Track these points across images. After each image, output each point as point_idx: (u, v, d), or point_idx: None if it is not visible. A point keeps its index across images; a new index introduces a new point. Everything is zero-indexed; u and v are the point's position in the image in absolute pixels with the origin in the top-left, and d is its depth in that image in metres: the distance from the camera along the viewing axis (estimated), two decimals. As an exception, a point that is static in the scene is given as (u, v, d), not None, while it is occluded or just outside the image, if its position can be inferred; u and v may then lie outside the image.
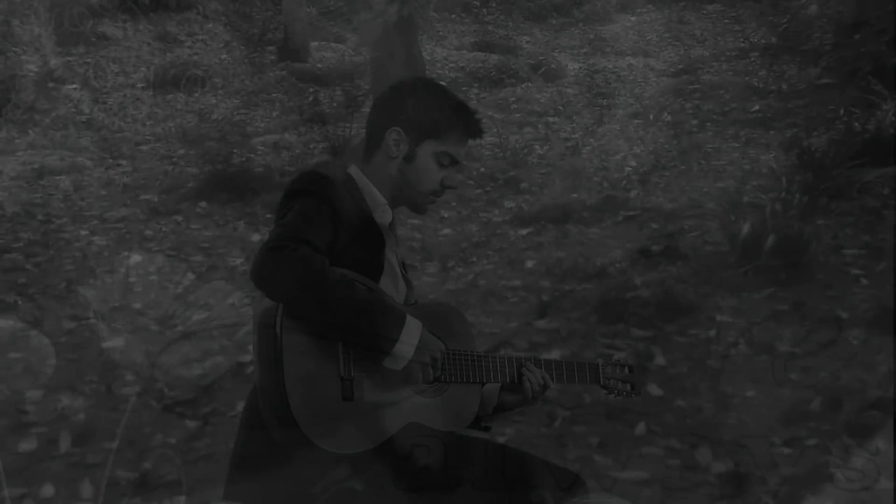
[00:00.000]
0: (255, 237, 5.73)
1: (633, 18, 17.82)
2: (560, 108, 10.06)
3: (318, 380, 1.52)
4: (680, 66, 12.18)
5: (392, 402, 1.59)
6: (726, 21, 17.23)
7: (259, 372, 1.55)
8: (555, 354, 3.81)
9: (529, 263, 4.95)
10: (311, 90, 11.59)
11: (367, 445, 1.56)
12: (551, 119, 9.44)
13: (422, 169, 1.73)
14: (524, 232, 5.46)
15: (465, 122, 1.76)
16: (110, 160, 7.96)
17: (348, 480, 1.57)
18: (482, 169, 6.79)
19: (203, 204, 6.33)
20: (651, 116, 8.76)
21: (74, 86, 11.76)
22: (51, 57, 12.94)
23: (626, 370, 1.95)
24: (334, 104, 9.52)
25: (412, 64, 6.59)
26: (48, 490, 2.98)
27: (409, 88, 1.76)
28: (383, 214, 1.72)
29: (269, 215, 6.26)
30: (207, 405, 3.58)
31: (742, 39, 11.50)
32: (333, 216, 1.60)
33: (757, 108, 8.35)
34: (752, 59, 10.30)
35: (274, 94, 11.62)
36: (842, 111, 5.29)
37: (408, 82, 1.80)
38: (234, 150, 6.61)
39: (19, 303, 4.53)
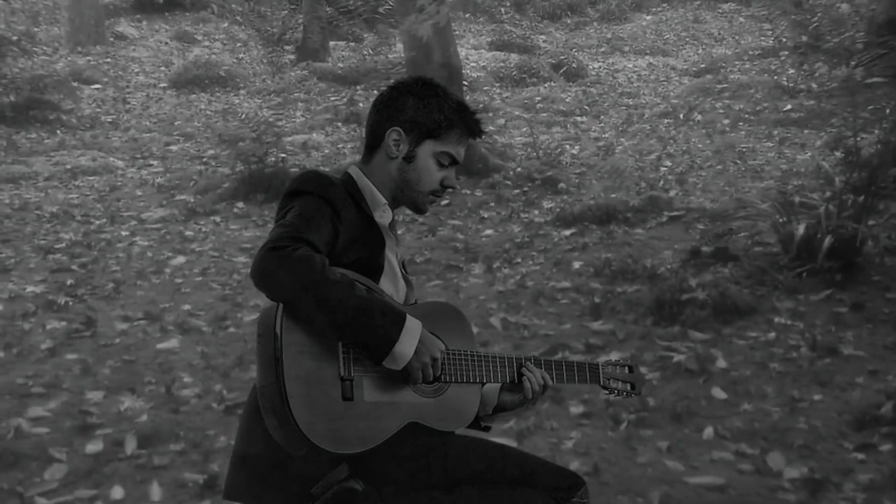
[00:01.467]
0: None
1: (648, 18, 17.79)
2: (586, 107, 10.02)
3: (318, 380, 1.52)
4: (702, 66, 12.13)
5: (392, 402, 1.59)
6: (741, 20, 17.21)
7: (259, 372, 1.55)
8: (613, 356, 3.78)
9: (576, 264, 4.92)
10: (333, 89, 11.58)
11: (367, 445, 1.55)
12: (579, 119, 9.41)
13: (422, 169, 1.72)
14: (567, 233, 5.43)
15: (465, 122, 1.75)
16: (141, 160, 7.97)
17: (348, 480, 1.57)
18: (518, 169, 6.77)
19: (240, 204, 6.32)
20: (681, 116, 8.72)
21: (97, 86, 11.79)
22: (71, 56, 12.98)
23: (627, 370, 1.94)
24: (360, 105, 9.50)
25: (449, 64, 6.56)
26: (118, 492, 2.96)
27: (409, 88, 1.75)
28: (383, 214, 1.72)
29: (307, 216, 6.25)
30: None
31: (772, 38, 11.42)
32: (333, 216, 1.60)
33: (789, 107, 8.30)
34: (782, 59, 10.22)
35: (296, 94, 11.62)
36: (888, 110, 5.24)
37: (407, 82, 1.77)
38: (271, 150, 6.59)
39: (70, 304, 4.52)
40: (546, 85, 11.50)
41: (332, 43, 13.99)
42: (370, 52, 13.61)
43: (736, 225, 4.79)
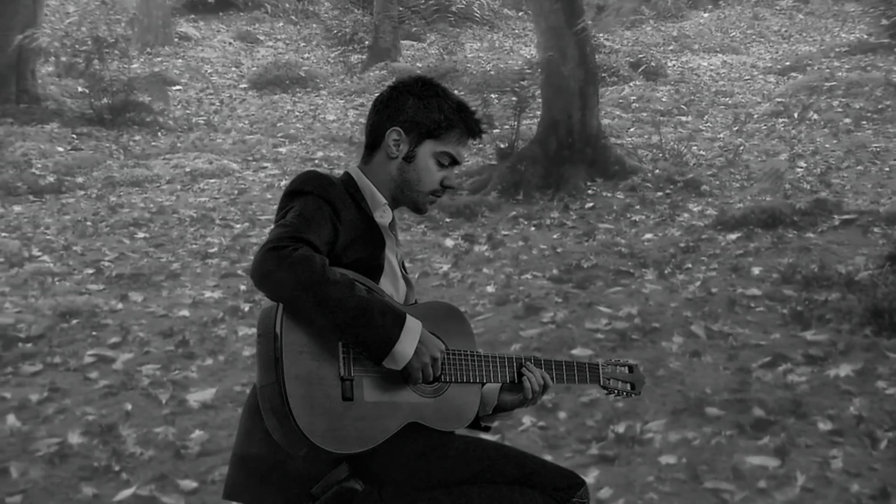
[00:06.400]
0: (448, 242, 5.62)
1: (705, 15, 17.52)
2: (683, 106, 9.85)
3: (318, 380, 1.51)
4: (787, 63, 11.89)
5: (392, 402, 1.58)
6: (801, 17, 16.89)
7: (259, 372, 1.54)
8: (844, 370, 3.64)
9: (755, 270, 4.77)
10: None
11: (367, 445, 1.54)
12: (683, 118, 9.24)
13: (422, 169, 1.71)
14: (733, 237, 5.28)
15: (465, 122, 1.73)
16: (254, 163, 7.93)
17: (348, 480, 1.56)
18: (657, 171, 6.62)
19: (377, 207, 6.24)
20: (796, 115, 8.52)
21: (178, 87, 11.81)
22: (144, 58, 13.03)
23: (627, 370, 1.91)
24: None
25: (584, 63, 6.43)
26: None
27: (409, 88, 1.73)
28: (383, 214, 1.71)
29: (448, 219, 6.17)
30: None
31: (867, 34, 11.15)
32: (333, 216, 1.59)
33: (914, 105, 8.08)
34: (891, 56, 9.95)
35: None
36: None
37: (408, 82, 1.75)
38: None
39: (254, 310, 4.46)
40: (630, 84, 11.34)
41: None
42: (444, 50, 13.53)
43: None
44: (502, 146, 6.74)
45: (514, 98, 6.58)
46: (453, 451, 1.65)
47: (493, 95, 6.96)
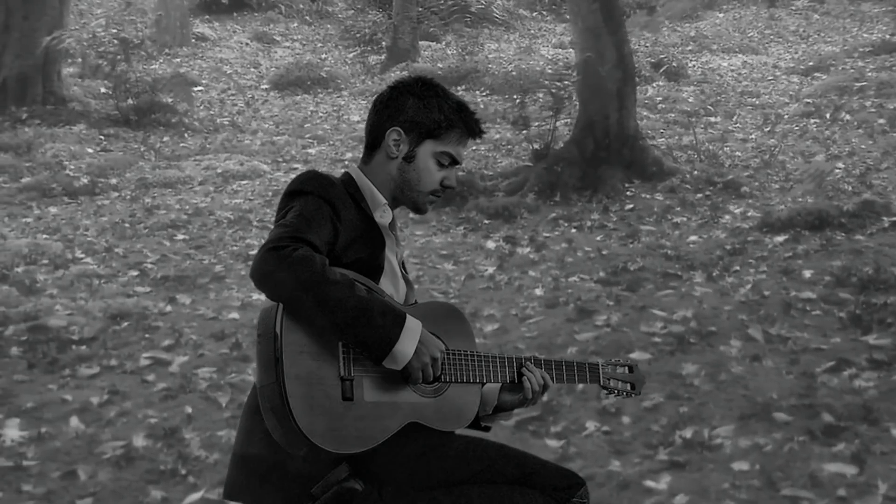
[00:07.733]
0: (490, 244, 5.58)
1: (721, 15, 17.44)
2: (710, 107, 9.78)
3: (318, 380, 1.52)
4: (810, 63, 11.82)
5: (392, 402, 1.59)
6: (817, 17, 16.80)
7: (259, 372, 1.54)
8: (911, 373, 3.59)
9: (807, 273, 4.72)
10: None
11: (367, 445, 1.55)
12: (712, 119, 9.18)
13: (422, 169, 1.72)
14: (780, 239, 5.23)
15: (465, 122, 1.74)
16: (284, 164, 7.91)
17: (348, 480, 1.56)
18: (695, 172, 6.57)
19: (414, 210, 6.21)
20: (828, 115, 8.45)
21: (199, 87, 11.80)
22: (163, 58, 13.02)
23: (627, 370, 1.91)
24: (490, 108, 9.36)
25: (622, 64, 6.39)
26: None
27: (409, 88, 1.74)
28: (383, 214, 1.71)
29: (486, 221, 6.12)
30: (556, 423, 3.44)
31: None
32: (333, 216, 1.60)
33: (949, 106, 8.01)
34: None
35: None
36: None
37: (408, 82, 1.76)
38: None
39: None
40: (654, 84, 11.29)
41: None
42: (463, 51, 13.50)
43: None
44: (537, 147, 6.70)
45: (540, 97, 6.52)
46: (453, 451, 1.65)
47: (515, 96, 6.91)
